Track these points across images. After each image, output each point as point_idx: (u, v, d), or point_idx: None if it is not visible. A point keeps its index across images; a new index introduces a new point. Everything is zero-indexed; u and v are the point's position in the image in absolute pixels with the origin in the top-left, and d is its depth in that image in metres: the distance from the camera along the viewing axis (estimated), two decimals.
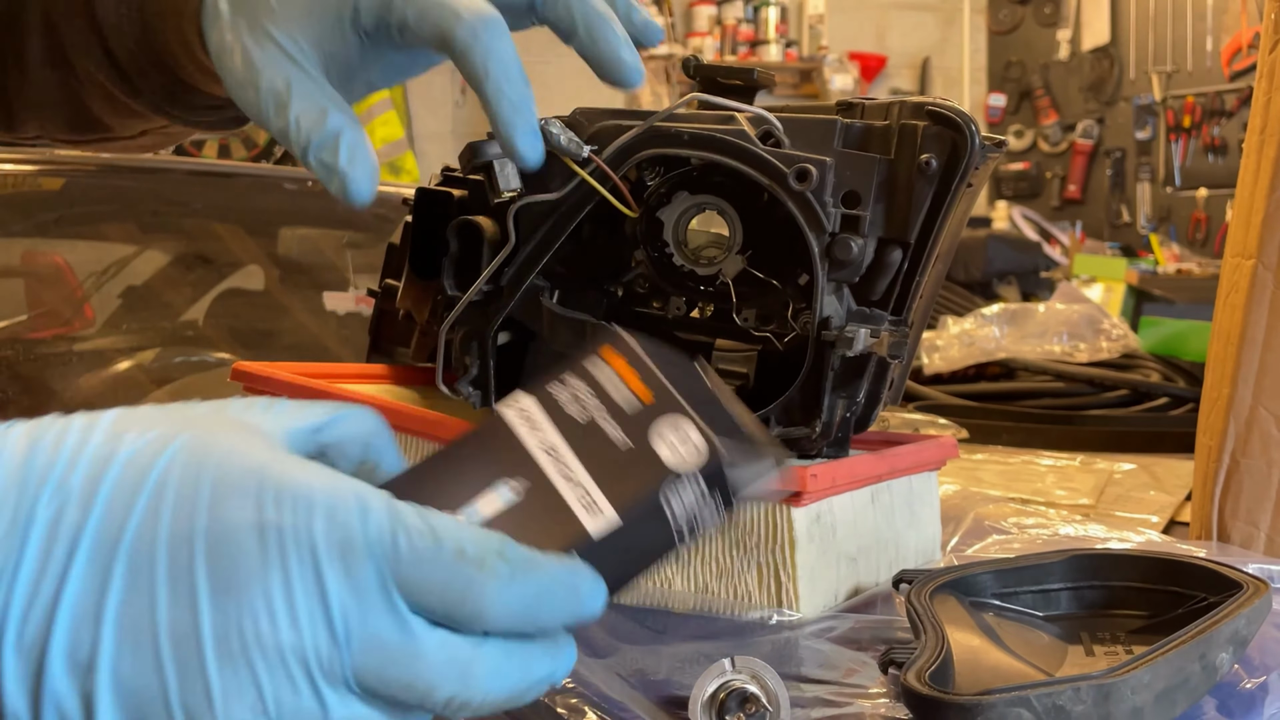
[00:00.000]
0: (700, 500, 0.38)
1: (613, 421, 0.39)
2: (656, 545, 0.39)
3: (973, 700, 0.44)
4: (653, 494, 0.37)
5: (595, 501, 0.37)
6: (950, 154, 0.58)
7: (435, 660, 0.34)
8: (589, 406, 0.39)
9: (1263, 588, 0.53)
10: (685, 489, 0.38)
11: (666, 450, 0.38)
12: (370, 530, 0.34)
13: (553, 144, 0.59)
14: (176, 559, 0.33)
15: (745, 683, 0.47)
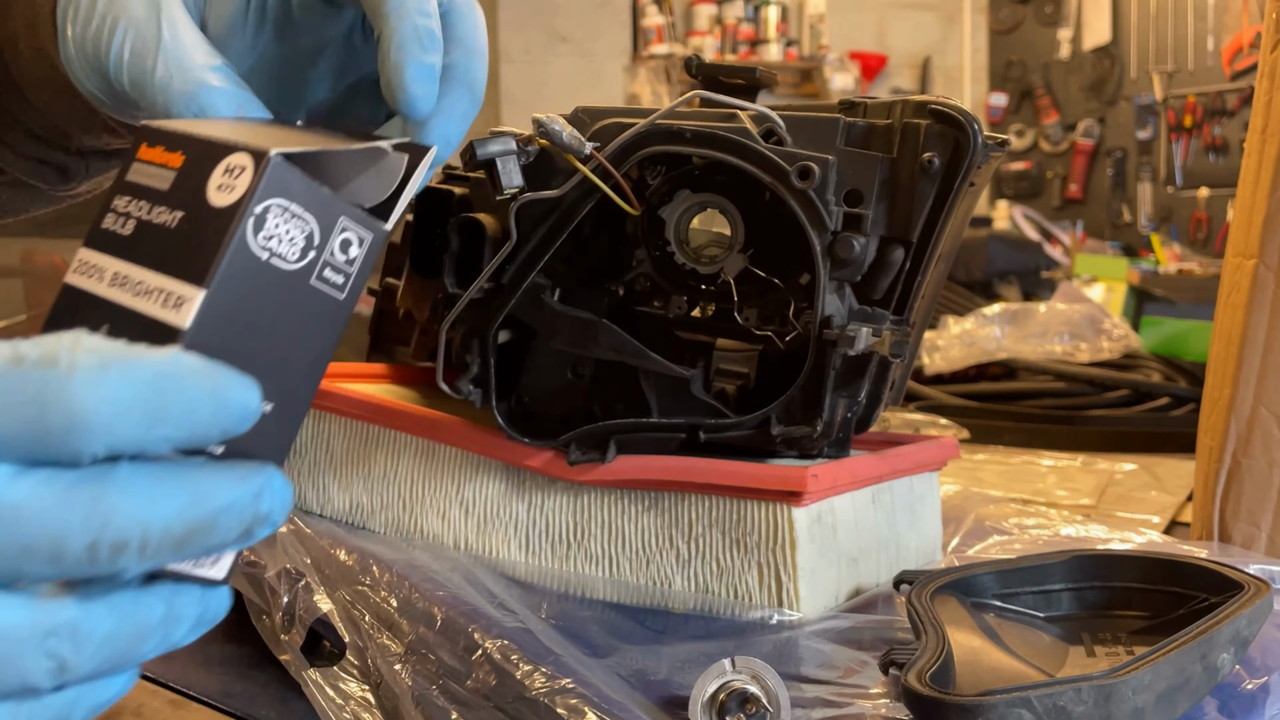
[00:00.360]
0: (306, 221, 0.33)
1: (163, 208, 0.33)
2: (293, 302, 0.33)
3: (974, 701, 0.43)
4: (228, 244, 0.31)
5: (173, 293, 0.32)
6: (953, 153, 0.58)
7: (41, 503, 0.27)
8: (136, 211, 0.34)
9: (1264, 588, 0.53)
10: (271, 220, 0.32)
11: (219, 194, 0.32)
12: None
13: (555, 141, 0.59)
14: None
15: (745, 683, 0.46)
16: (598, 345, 0.64)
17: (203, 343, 0.31)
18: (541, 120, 0.59)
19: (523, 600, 0.61)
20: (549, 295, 0.65)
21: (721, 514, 0.62)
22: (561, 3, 4.81)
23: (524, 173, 0.60)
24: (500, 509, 0.69)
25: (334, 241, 0.34)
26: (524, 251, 0.63)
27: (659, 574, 0.64)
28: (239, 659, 0.64)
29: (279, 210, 0.32)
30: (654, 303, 0.67)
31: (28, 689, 0.27)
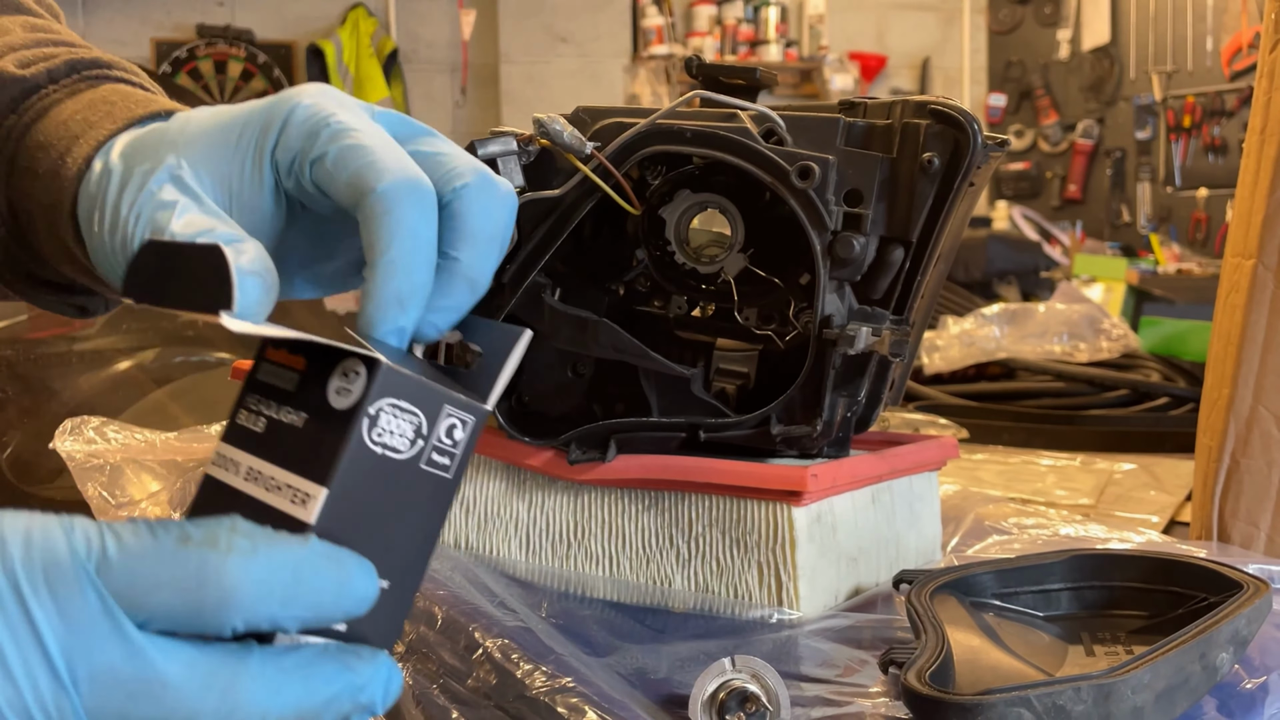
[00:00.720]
0: (415, 414, 0.36)
1: (289, 408, 0.36)
2: (406, 486, 0.36)
3: (973, 700, 0.44)
4: (348, 445, 0.34)
5: (300, 490, 0.35)
6: (953, 153, 0.58)
7: (186, 685, 0.30)
8: (267, 410, 0.37)
9: (1263, 588, 0.53)
10: (383, 418, 0.35)
11: (338, 398, 0.35)
12: (76, 543, 0.30)
13: (556, 140, 0.59)
14: None
15: (745, 682, 0.47)
16: (598, 344, 0.64)
17: (327, 534, 0.34)
18: (542, 120, 0.59)
19: (523, 599, 0.61)
20: (549, 294, 0.65)
21: (721, 513, 0.62)
22: (561, 3, 4.81)
23: (525, 172, 0.60)
24: (501, 508, 0.69)
25: (440, 428, 0.36)
26: (524, 251, 0.63)
27: (659, 573, 0.64)
28: None
29: (390, 408, 0.35)
30: (654, 302, 0.67)
31: None
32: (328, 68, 4.69)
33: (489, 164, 0.59)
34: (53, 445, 0.82)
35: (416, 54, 4.91)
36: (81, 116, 0.49)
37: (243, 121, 0.43)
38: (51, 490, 1.25)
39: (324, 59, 4.69)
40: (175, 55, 4.62)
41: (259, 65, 4.73)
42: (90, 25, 4.49)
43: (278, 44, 4.79)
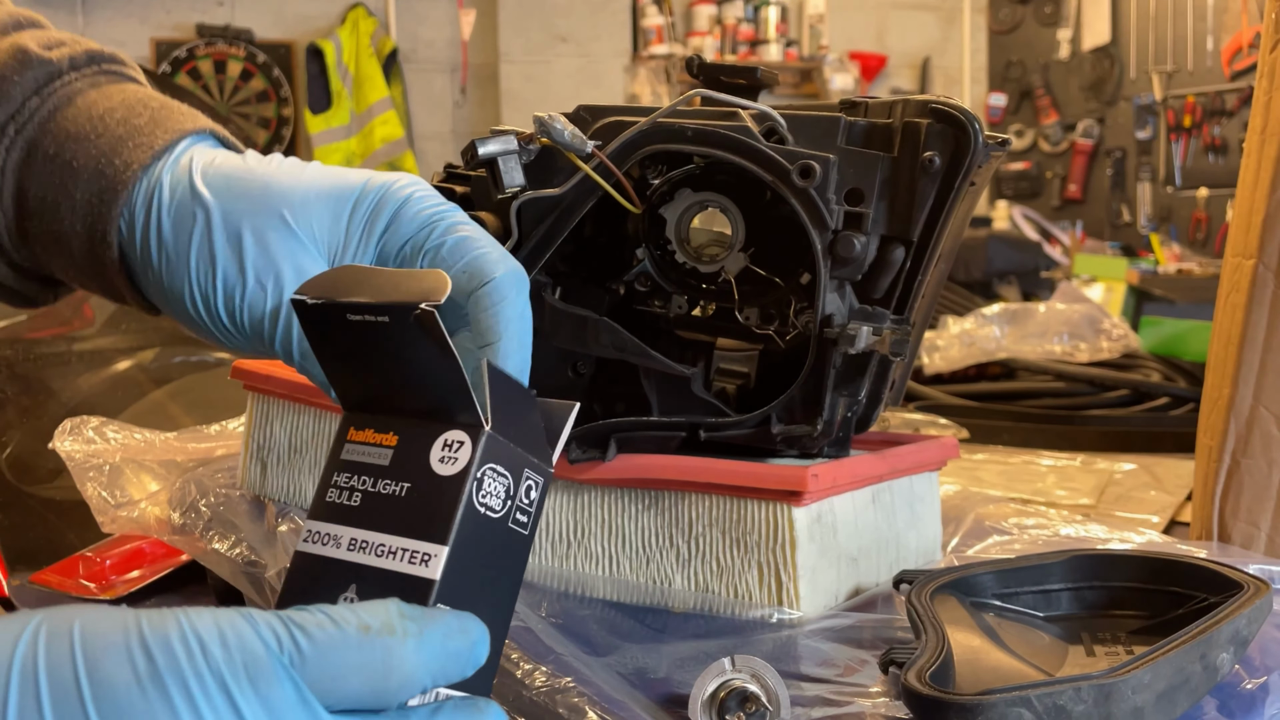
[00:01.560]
0: (506, 476, 0.40)
1: (388, 481, 0.39)
2: (501, 545, 0.39)
3: (973, 700, 0.43)
4: (461, 505, 0.38)
5: (419, 551, 0.38)
6: (954, 152, 0.58)
7: None
8: (361, 485, 0.40)
9: (1263, 588, 0.53)
10: (486, 480, 0.39)
11: (443, 465, 0.39)
12: (267, 638, 0.32)
13: (556, 139, 0.59)
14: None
15: (745, 682, 0.46)
16: (598, 343, 0.64)
17: (447, 592, 0.37)
18: (543, 119, 0.59)
19: (523, 599, 0.61)
20: (550, 293, 0.65)
21: (722, 513, 0.62)
22: (561, 3, 4.81)
23: (525, 171, 0.60)
24: None
25: (522, 489, 0.40)
26: (525, 250, 0.63)
27: (659, 573, 0.64)
28: None
29: (491, 473, 0.39)
30: (654, 302, 0.67)
31: None
32: (327, 68, 4.68)
33: (489, 163, 0.59)
34: (52, 445, 0.82)
35: (416, 54, 4.91)
36: (121, 116, 0.49)
37: (356, 196, 0.46)
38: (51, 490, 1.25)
39: (324, 59, 4.69)
40: (175, 55, 4.62)
41: (258, 65, 4.73)
42: (90, 24, 4.49)
43: (277, 44, 4.78)
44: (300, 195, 0.47)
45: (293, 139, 4.77)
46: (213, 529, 0.72)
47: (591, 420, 0.64)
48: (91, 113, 0.50)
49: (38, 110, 0.50)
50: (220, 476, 0.78)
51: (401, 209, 0.46)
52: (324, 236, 0.47)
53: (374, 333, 0.40)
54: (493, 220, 0.64)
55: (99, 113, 0.50)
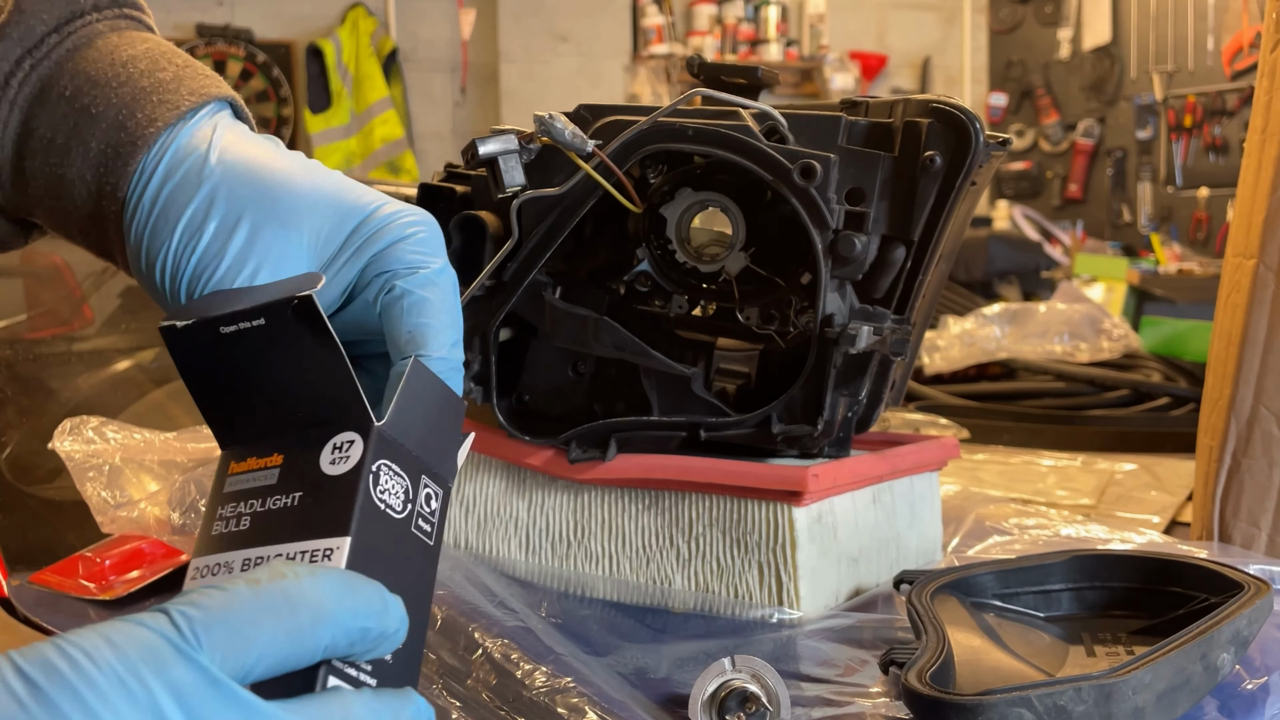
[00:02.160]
0: (404, 478, 0.39)
1: (277, 496, 0.38)
2: (404, 547, 0.39)
3: (974, 700, 0.43)
4: (358, 496, 0.37)
5: (320, 548, 0.37)
6: (955, 152, 0.58)
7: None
8: (249, 509, 0.39)
9: (1264, 588, 0.53)
10: (383, 476, 0.38)
11: (334, 467, 0.38)
12: (155, 627, 0.31)
13: (557, 138, 0.59)
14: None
15: (745, 682, 0.46)
16: (599, 343, 0.64)
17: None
18: (544, 118, 0.59)
19: (523, 599, 0.61)
20: (550, 293, 0.65)
21: (722, 513, 0.62)
22: (561, 3, 4.81)
23: (526, 170, 0.60)
24: (500, 507, 0.69)
25: (421, 495, 0.40)
26: (525, 249, 0.63)
27: (659, 573, 0.64)
28: None
29: (386, 469, 0.38)
30: (655, 302, 0.67)
31: None
32: (327, 67, 4.68)
33: (489, 162, 0.59)
34: (52, 445, 0.82)
35: (416, 53, 4.90)
36: (144, 67, 0.49)
37: (365, 215, 0.46)
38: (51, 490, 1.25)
39: (323, 58, 4.69)
40: None
41: (258, 65, 4.73)
42: None
43: (277, 43, 4.78)
44: (311, 201, 0.46)
45: (293, 139, 4.77)
46: None
47: (592, 420, 0.64)
48: (114, 58, 0.49)
49: (56, 47, 0.49)
50: None
51: (401, 242, 0.46)
52: (319, 242, 0.46)
53: (251, 343, 0.39)
54: (493, 220, 0.64)
55: (122, 59, 0.49)
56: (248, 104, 0.52)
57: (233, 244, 0.46)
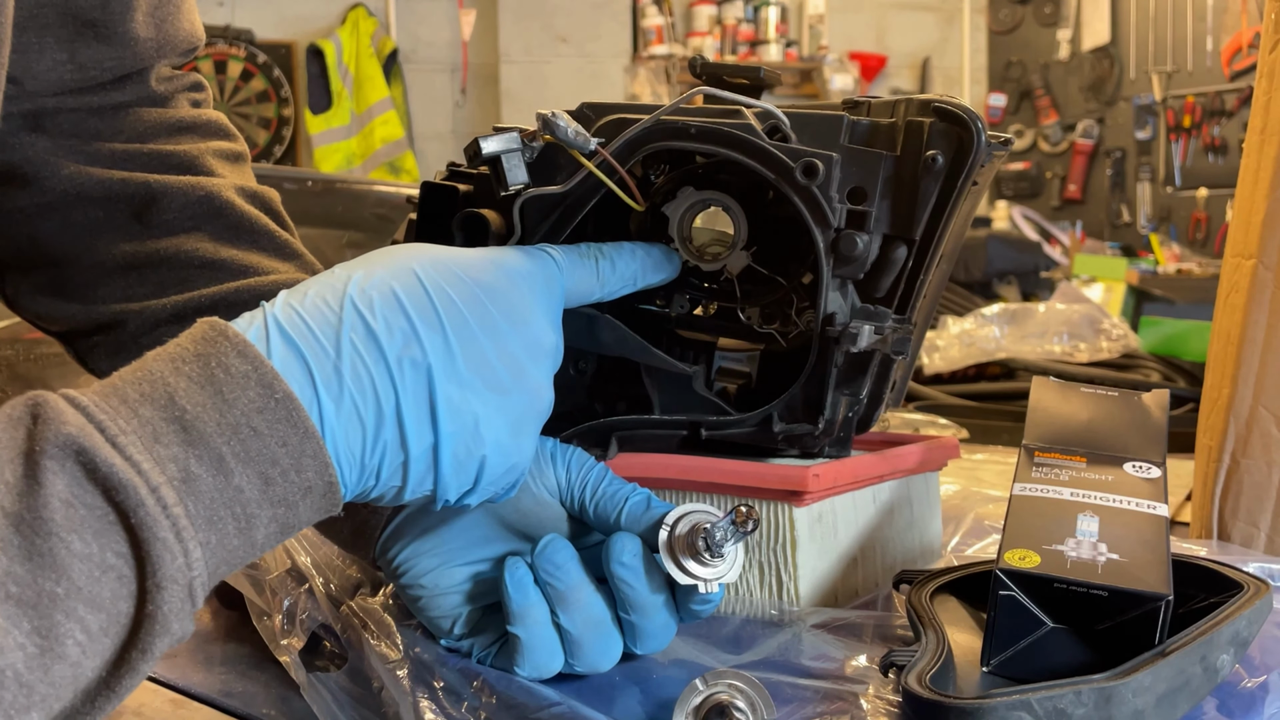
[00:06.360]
0: None
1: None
2: None
3: (974, 703, 0.43)
4: None
5: None
6: (956, 151, 0.58)
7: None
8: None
9: (1263, 588, 0.53)
10: None
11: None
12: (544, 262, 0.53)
13: (559, 136, 0.59)
14: (479, 314, 0.47)
15: (724, 694, 0.46)
16: (600, 341, 0.64)
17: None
18: (546, 116, 0.59)
19: None
20: None
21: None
22: (561, 3, 4.81)
23: (528, 169, 0.60)
24: None
25: None
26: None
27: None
28: (239, 659, 0.64)
29: None
30: (656, 300, 0.67)
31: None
32: (327, 68, 4.69)
33: (492, 161, 0.59)
34: None
35: (416, 54, 4.91)
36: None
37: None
38: None
39: (324, 59, 4.69)
40: None
41: (259, 65, 4.73)
42: None
43: (277, 44, 4.78)
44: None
45: (293, 139, 4.77)
46: None
47: (593, 418, 0.64)
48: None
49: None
50: None
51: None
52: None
53: None
54: (495, 218, 0.64)
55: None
56: (247, 104, 0.53)
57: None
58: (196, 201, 0.65)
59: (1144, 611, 0.48)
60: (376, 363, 0.42)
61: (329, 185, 2.03)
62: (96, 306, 0.64)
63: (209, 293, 0.62)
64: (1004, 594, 0.49)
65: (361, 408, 0.42)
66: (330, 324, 0.42)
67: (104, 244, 0.64)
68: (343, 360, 0.42)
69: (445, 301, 0.45)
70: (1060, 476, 0.59)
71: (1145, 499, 0.56)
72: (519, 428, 0.47)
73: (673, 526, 0.51)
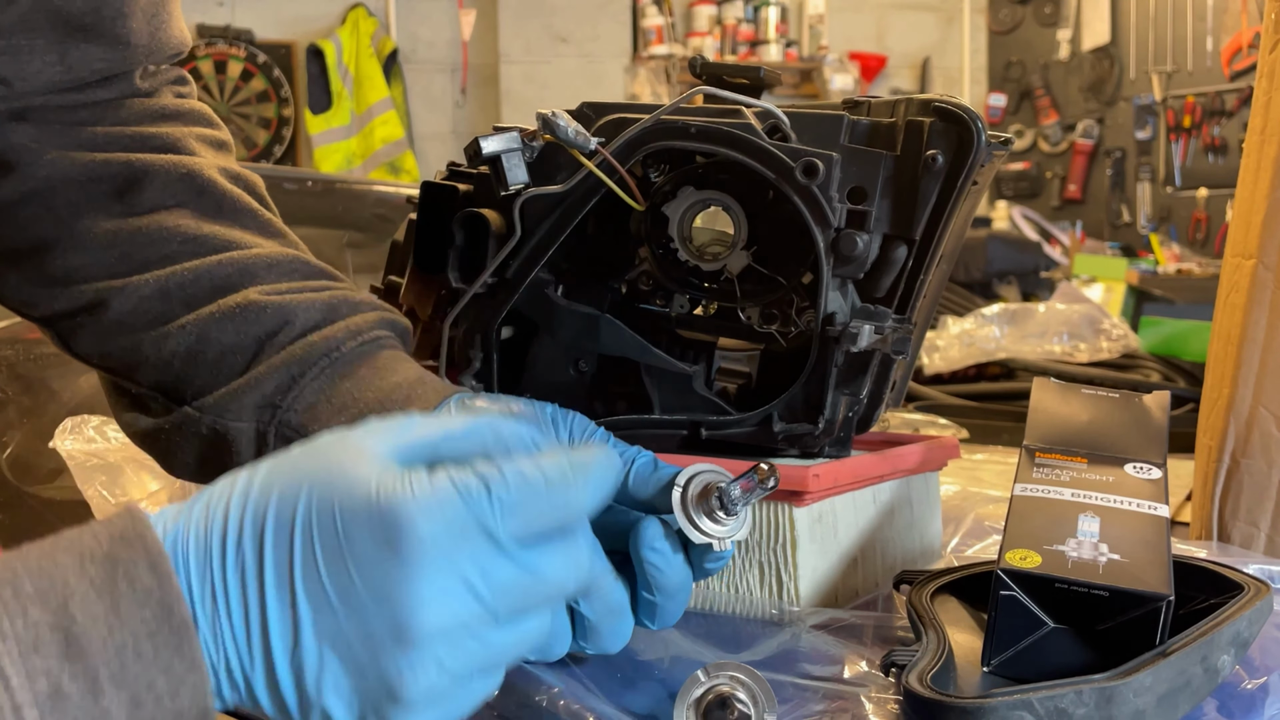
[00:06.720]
0: None
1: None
2: None
3: (974, 703, 0.43)
4: None
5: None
6: (956, 151, 0.58)
7: (558, 572, 0.41)
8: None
9: (1264, 589, 0.53)
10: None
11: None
12: (478, 508, 0.39)
13: (560, 136, 0.59)
14: (339, 580, 0.39)
15: (724, 685, 0.46)
16: (600, 340, 0.64)
17: None
18: (547, 115, 0.59)
19: None
20: (553, 290, 0.65)
21: None
22: (561, 3, 4.81)
23: (528, 168, 0.60)
24: None
25: None
26: (528, 247, 0.63)
27: None
28: None
29: None
30: (656, 300, 0.67)
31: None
32: (327, 68, 4.68)
33: (492, 160, 0.59)
34: (53, 445, 0.82)
35: (416, 54, 4.90)
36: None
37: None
38: (52, 490, 1.25)
39: (324, 59, 4.68)
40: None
41: (259, 65, 4.73)
42: None
43: (277, 44, 4.78)
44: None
45: (293, 139, 4.77)
46: None
47: (593, 417, 0.64)
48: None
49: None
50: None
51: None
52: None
53: None
54: (496, 217, 0.64)
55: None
56: (247, 104, 0.53)
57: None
58: (178, 180, 0.65)
59: (1145, 612, 0.48)
60: (253, 594, 0.39)
61: (329, 185, 2.03)
62: (79, 287, 0.63)
63: (190, 267, 0.62)
64: (1005, 594, 0.49)
65: (239, 637, 0.39)
66: (231, 544, 0.40)
67: (85, 225, 0.64)
68: (229, 587, 0.39)
69: (307, 559, 0.39)
70: (1061, 477, 0.59)
71: (1146, 500, 0.56)
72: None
73: (685, 486, 0.51)
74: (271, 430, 0.59)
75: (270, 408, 0.59)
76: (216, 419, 0.60)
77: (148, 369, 0.62)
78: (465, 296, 0.64)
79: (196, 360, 0.61)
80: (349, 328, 0.61)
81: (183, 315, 0.61)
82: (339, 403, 0.59)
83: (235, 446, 0.60)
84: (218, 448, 0.60)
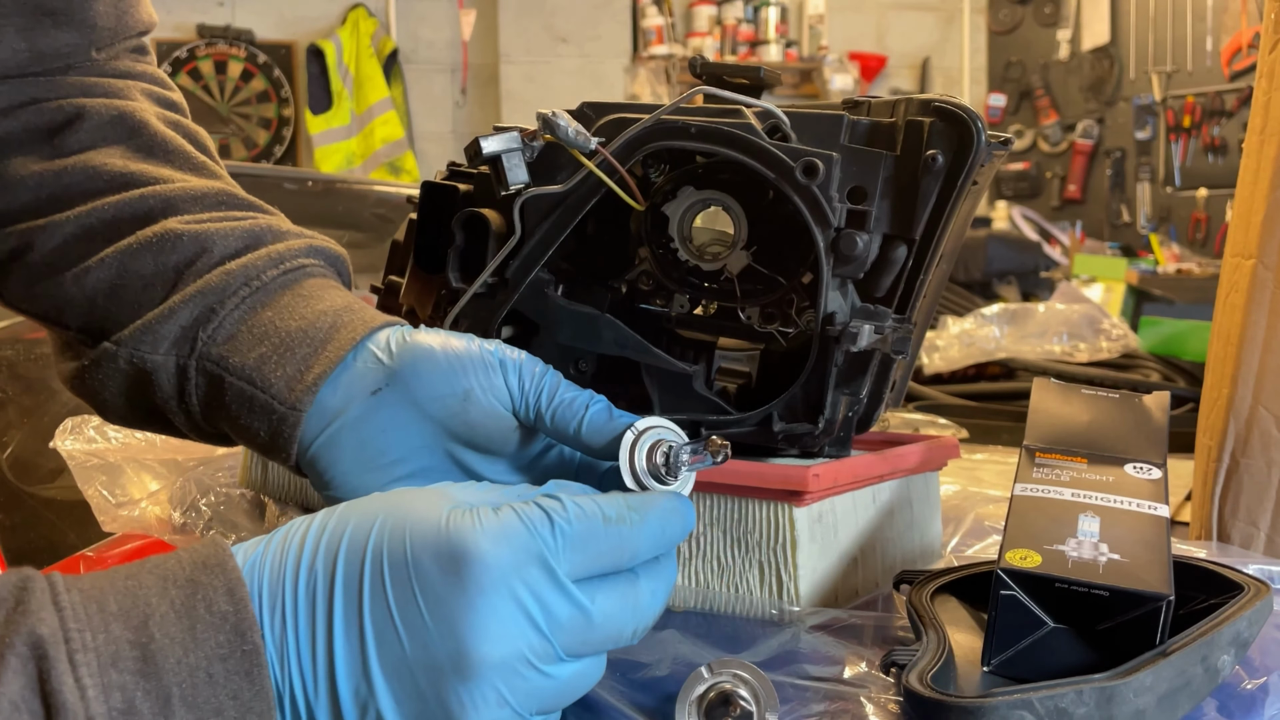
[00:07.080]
0: None
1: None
2: None
3: (975, 703, 0.43)
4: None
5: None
6: (957, 151, 0.58)
7: (615, 614, 0.43)
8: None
9: (1264, 590, 0.53)
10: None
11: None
12: (540, 537, 0.41)
13: (560, 136, 0.59)
14: (405, 608, 0.40)
15: (727, 683, 0.46)
16: (600, 340, 0.64)
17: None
18: (547, 115, 0.59)
19: None
20: (553, 290, 0.65)
21: (722, 512, 0.62)
22: (561, 3, 4.81)
23: (528, 168, 0.60)
24: None
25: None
26: (528, 247, 0.63)
27: None
28: None
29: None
30: (656, 300, 0.67)
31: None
32: (328, 68, 4.69)
33: (492, 160, 0.59)
34: (53, 444, 0.82)
35: (416, 54, 4.91)
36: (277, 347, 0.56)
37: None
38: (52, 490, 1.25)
39: (324, 59, 4.69)
40: (175, 55, 4.62)
41: (259, 65, 4.73)
42: None
43: (278, 44, 4.79)
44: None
45: (293, 139, 4.77)
46: (213, 528, 0.72)
47: None
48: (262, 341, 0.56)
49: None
50: (221, 475, 0.78)
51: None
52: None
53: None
54: (496, 217, 0.64)
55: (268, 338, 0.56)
56: (247, 104, 0.53)
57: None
58: (110, 121, 0.63)
59: (1145, 612, 0.48)
60: (321, 619, 0.40)
61: (329, 185, 2.03)
62: (4, 230, 0.61)
63: (112, 201, 0.60)
64: (1005, 594, 0.49)
65: (304, 662, 0.40)
66: (304, 569, 0.41)
67: (15, 168, 0.62)
68: (299, 611, 0.40)
69: (375, 586, 0.41)
70: (1061, 477, 0.59)
71: (1146, 500, 0.56)
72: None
73: (637, 437, 0.51)
74: (192, 364, 0.56)
75: (189, 340, 0.56)
76: (134, 352, 0.57)
77: (73, 310, 0.59)
78: (465, 296, 0.64)
79: (118, 295, 0.58)
80: (271, 255, 0.58)
81: (103, 250, 0.59)
82: (260, 332, 0.56)
83: (156, 380, 0.57)
84: (141, 384, 0.58)
